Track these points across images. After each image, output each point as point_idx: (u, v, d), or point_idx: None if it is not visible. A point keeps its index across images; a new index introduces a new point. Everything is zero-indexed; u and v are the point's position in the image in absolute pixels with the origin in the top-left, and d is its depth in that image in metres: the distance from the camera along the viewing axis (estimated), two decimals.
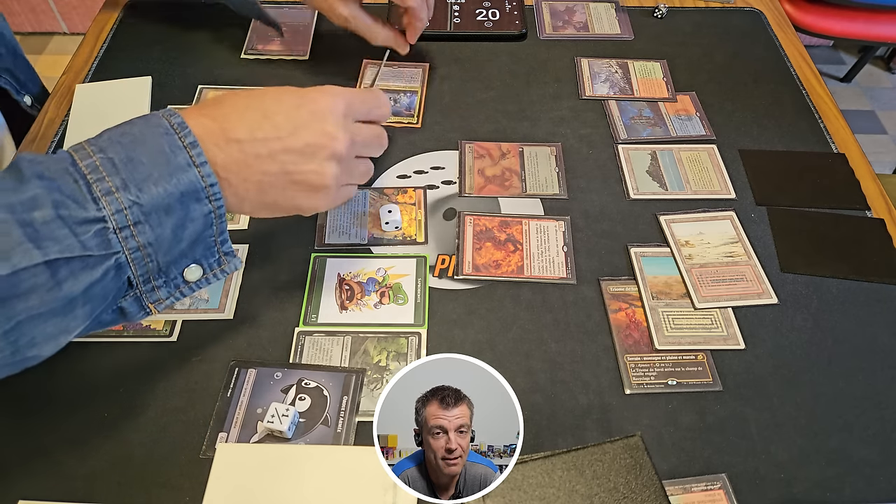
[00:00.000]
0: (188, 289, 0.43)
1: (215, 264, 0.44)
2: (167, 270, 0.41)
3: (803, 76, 0.74)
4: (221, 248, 0.43)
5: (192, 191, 0.39)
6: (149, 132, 0.39)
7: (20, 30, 2.11)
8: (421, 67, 0.74)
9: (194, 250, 0.42)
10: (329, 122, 0.43)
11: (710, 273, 0.55)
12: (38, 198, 0.35)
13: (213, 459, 0.44)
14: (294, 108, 0.43)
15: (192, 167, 0.39)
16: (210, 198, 0.40)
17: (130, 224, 0.37)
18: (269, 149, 0.42)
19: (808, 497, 0.44)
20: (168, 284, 0.42)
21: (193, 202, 0.39)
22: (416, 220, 0.60)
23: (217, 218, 0.41)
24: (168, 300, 0.42)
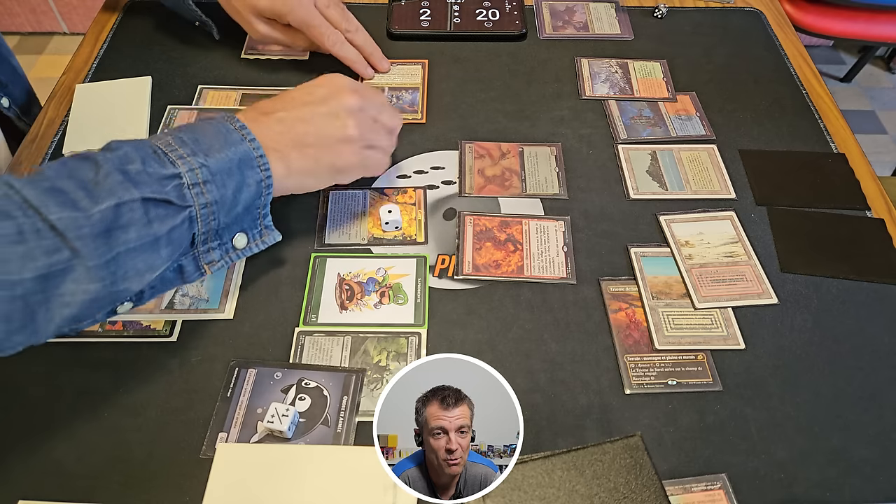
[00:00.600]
0: (236, 254, 0.50)
1: (257, 235, 0.51)
2: (221, 234, 0.48)
3: (803, 76, 0.74)
4: (263, 221, 0.50)
5: (246, 159, 0.47)
6: (206, 124, 0.48)
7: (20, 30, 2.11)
8: (420, 64, 0.74)
9: (244, 219, 0.49)
10: (343, 92, 0.54)
11: (710, 273, 0.56)
12: (129, 154, 0.43)
13: (213, 459, 0.44)
14: (314, 86, 0.54)
15: (244, 141, 0.47)
16: (261, 167, 0.48)
17: (200, 182, 0.44)
18: (298, 115, 0.52)
19: (808, 497, 0.44)
20: (221, 248, 0.49)
21: (248, 169, 0.47)
22: (416, 220, 0.60)
23: (266, 188, 0.48)
24: (220, 262, 0.49)
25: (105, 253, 0.40)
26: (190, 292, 0.54)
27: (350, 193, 0.61)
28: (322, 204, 0.60)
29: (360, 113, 0.53)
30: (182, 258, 0.47)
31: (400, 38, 0.77)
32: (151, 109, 0.68)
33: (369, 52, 0.71)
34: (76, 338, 0.51)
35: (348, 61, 0.70)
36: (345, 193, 0.61)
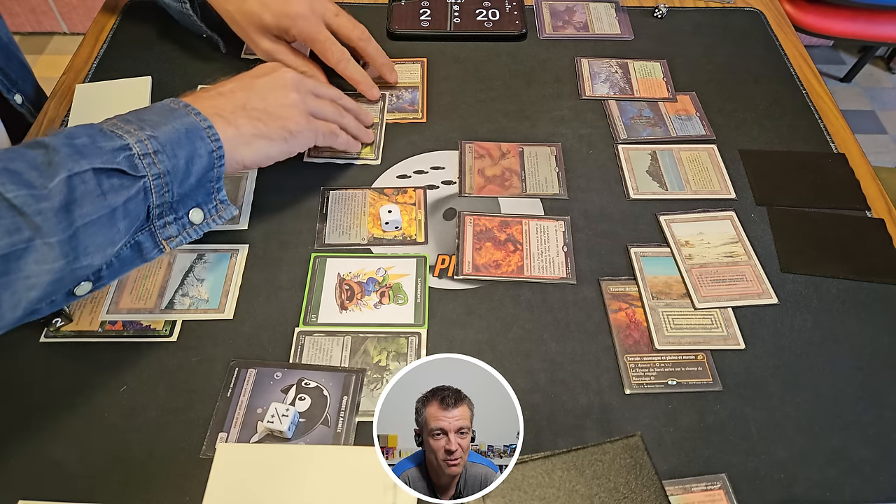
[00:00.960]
0: (193, 230, 0.49)
1: (213, 210, 0.50)
2: (177, 208, 0.48)
3: (803, 76, 0.74)
4: (217, 195, 0.50)
5: (194, 129, 0.47)
6: (148, 107, 0.49)
7: (20, 30, 2.11)
8: (419, 62, 0.74)
9: (198, 192, 0.49)
10: (278, 69, 0.56)
11: (710, 273, 0.56)
12: (76, 132, 0.43)
13: (213, 459, 0.44)
14: (253, 76, 0.56)
15: (189, 114, 0.48)
16: (210, 137, 0.48)
17: (151, 152, 0.44)
18: (239, 84, 0.53)
19: (808, 497, 0.44)
20: (177, 223, 0.48)
21: (197, 139, 0.47)
22: (416, 220, 0.60)
23: (218, 158, 0.48)
24: (178, 238, 0.49)
25: (66, 228, 0.40)
26: (190, 292, 0.54)
27: (350, 194, 0.61)
28: (322, 204, 0.60)
29: (299, 83, 0.56)
30: (139, 234, 0.47)
31: (400, 38, 0.77)
32: None
33: (381, 62, 0.69)
34: (76, 338, 0.51)
35: (353, 81, 0.68)
36: (345, 193, 0.61)
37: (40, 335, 0.51)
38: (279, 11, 0.63)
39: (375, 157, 0.65)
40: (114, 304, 0.53)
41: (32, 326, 0.51)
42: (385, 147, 0.65)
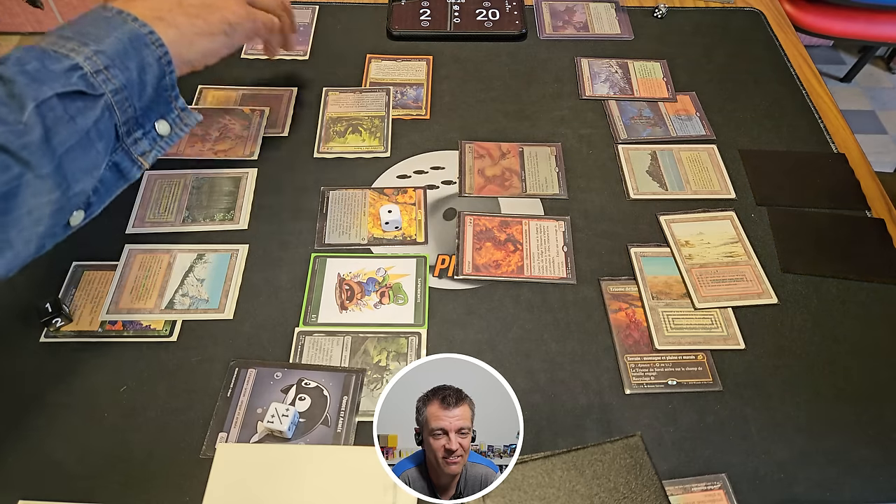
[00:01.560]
0: (164, 142, 0.49)
1: (177, 119, 0.50)
2: (142, 121, 0.47)
3: (803, 76, 0.74)
4: (176, 103, 0.49)
5: (136, 37, 0.45)
6: (82, 17, 0.47)
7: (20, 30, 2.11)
8: (425, 60, 0.74)
9: (158, 103, 0.48)
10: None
11: (710, 273, 0.55)
12: (22, 58, 0.41)
13: (213, 459, 0.44)
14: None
15: (128, 22, 0.46)
16: (153, 43, 0.46)
17: (102, 68, 0.43)
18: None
19: (808, 497, 0.44)
20: (147, 137, 0.48)
21: (142, 48, 0.45)
22: (416, 220, 0.60)
23: (166, 64, 0.47)
24: (152, 151, 0.48)
25: (51, 158, 0.40)
26: (190, 292, 0.54)
27: (350, 194, 0.61)
28: (322, 204, 0.60)
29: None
30: (114, 155, 0.46)
31: (400, 39, 0.77)
32: None
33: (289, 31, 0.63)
34: (76, 338, 0.51)
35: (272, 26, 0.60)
36: (345, 193, 0.61)
37: (40, 335, 0.51)
38: None
39: (385, 150, 0.65)
40: (114, 304, 0.53)
41: (32, 326, 0.51)
42: (391, 143, 0.66)
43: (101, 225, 0.58)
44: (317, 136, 0.66)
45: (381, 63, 0.74)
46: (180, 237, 0.57)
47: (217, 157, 0.64)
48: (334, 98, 0.70)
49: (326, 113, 0.68)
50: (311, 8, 0.80)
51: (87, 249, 0.56)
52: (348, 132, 0.66)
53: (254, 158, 0.64)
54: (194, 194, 0.61)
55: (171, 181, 0.62)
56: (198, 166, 0.63)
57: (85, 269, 0.55)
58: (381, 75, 0.72)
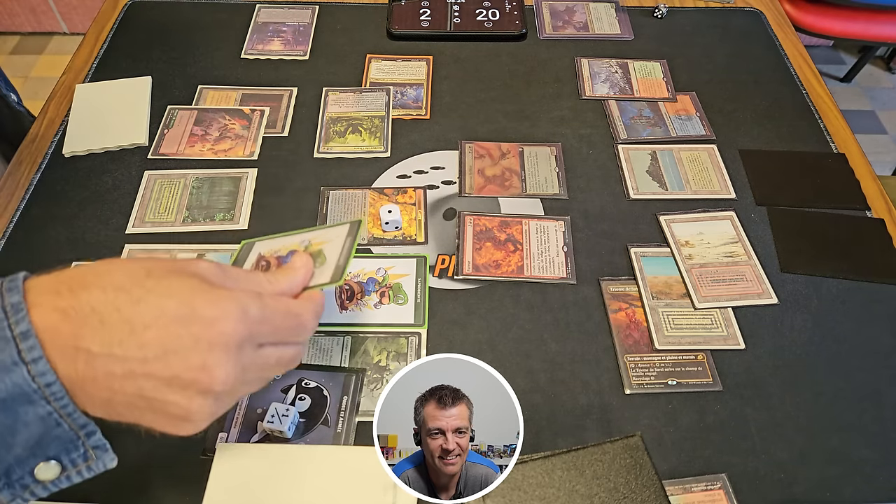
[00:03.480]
0: (42, 488, 0.34)
1: (80, 459, 0.35)
2: (6, 473, 0.33)
3: (803, 76, 0.74)
4: (87, 441, 0.34)
5: (19, 395, 0.31)
6: None
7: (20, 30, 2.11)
8: (425, 60, 0.74)
9: (44, 449, 0.33)
10: (213, 353, 0.33)
11: (710, 273, 0.55)
12: None
13: (213, 459, 0.44)
14: (176, 322, 0.33)
15: (21, 365, 0.31)
16: (48, 398, 0.32)
17: None
18: (125, 369, 0.32)
19: (808, 497, 0.44)
20: (11, 486, 0.34)
21: (24, 405, 0.31)
22: (416, 220, 0.60)
23: (66, 416, 0.33)
24: (13, 502, 0.34)
25: None
26: None
27: (350, 194, 0.61)
28: (322, 204, 0.60)
29: (222, 393, 0.34)
30: None
31: (400, 38, 0.77)
32: (151, 109, 0.68)
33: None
34: None
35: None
36: (345, 193, 0.61)
37: None
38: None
39: (385, 150, 0.65)
40: None
41: None
42: (391, 143, 0.65)
43: (102, 225, 0.58)
44: (317, 136, 0.66)
45: (381, 63, 0.74)
46: (180, 237, 0.57)
47: (217, 157, 0.64)
48: (334, 98, 0.70)
49: (326, 113, 0.68)
50: (311, 8, 0.80)
51: (87, 249, 0.56)
52: (348, 132, 0.66)
53: (254, 158, 0.64)
54: (194, 194, 0.61)
55: (171, 181, 0.62)
56: (198, 166, 0.63)
57: None
58: (381, 75, 0.72)
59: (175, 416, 0.34)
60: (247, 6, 0.80)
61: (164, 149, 0.64)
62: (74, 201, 0.60)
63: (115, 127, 0.66)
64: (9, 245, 0.57)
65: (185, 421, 0.35)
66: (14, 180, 0.62)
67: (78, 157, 0.64)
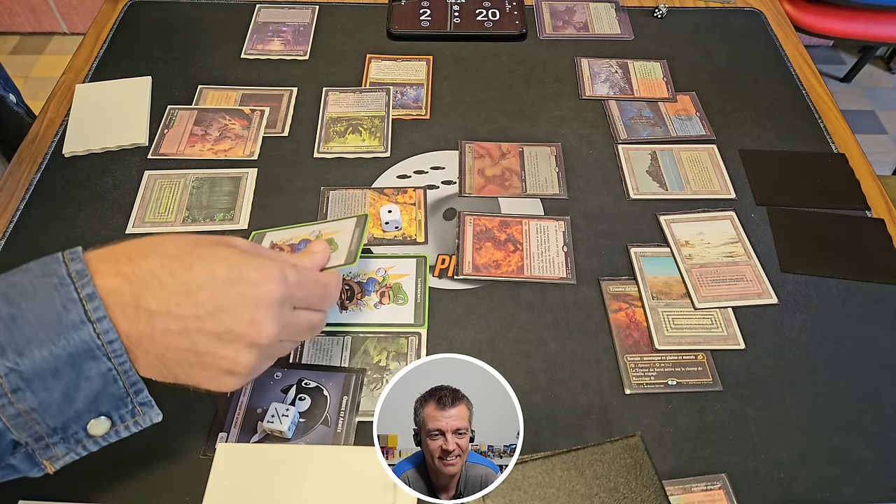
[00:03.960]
0: (93, 443, 0.38)
1: (127, 416, 0.38)
2: (64, 427, 0.36)
3: (803, 76, 0.74)
4: (136, 398, 0.38)
5: (84, 350, 0.34)
6: (40, 283, 0.35)
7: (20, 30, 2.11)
8: (425, 60, 0.74)
9: (98, 405, 0.37)
10: (260, 309, 0.38)
11: (710, 273, 0.55)
12: None
13: (213, 459, 0.44)
14: (225, 284, 0.37)
15: (87, 323, 0.34)
16: (109, 355, 0.35)
17: (7, 392, 0.33)
18: (181, 326, 0.36)
19: (808, 497, 0.44)
20: (66, 440, 0.37)
21: (88, 361, 0.35)
22: (416, 220, 0.60)
23: (122, 374, 0.36)
24: (67, 456, 0.37)
25: None
26: None
27: (350, 194, 0.61)
28: (322, 204, 0.60)
29: (266, 346, 0.39)
30: (9, 458, 0.36)
31: (400, 38, 0.77)
32: (151, 109, 0.68)
33: None
34: None
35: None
36: (345, 193, 0.61)
37: None
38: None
39: (385, 150, 0.65)
40: None
41: None
42: (391, 143, 0.66)
43: (102, 225, 0.58)
44: (317, 135, 0.66)
45: (381, 63, 0.74)
46: None
47: (217, 157, 0.64)
48: (334, 98, 0.70)
49: (326, 113, 0.68)
50: (311, 8, 0.80)
51: None
52: (348, 132, 0.66)
53: (254, 158, 0.64)
54: (194, 194, 0.61)
55: (171, 181, 0.62)
56: (198, 166, 0.63)
57: None
58: (381, 75, 0.72)
59: (223, 369, 0.38)
60: (247, 6, 0.80)
61: (164, 149, 0.64)
62: (74, 201, 0.60)
63: (115, 127, 0.66)
64: (9, 245, 0.57)
65: (231, 374, 0.39)
66: (14, 180, 0.62)
67: (78, 157, 0.64)
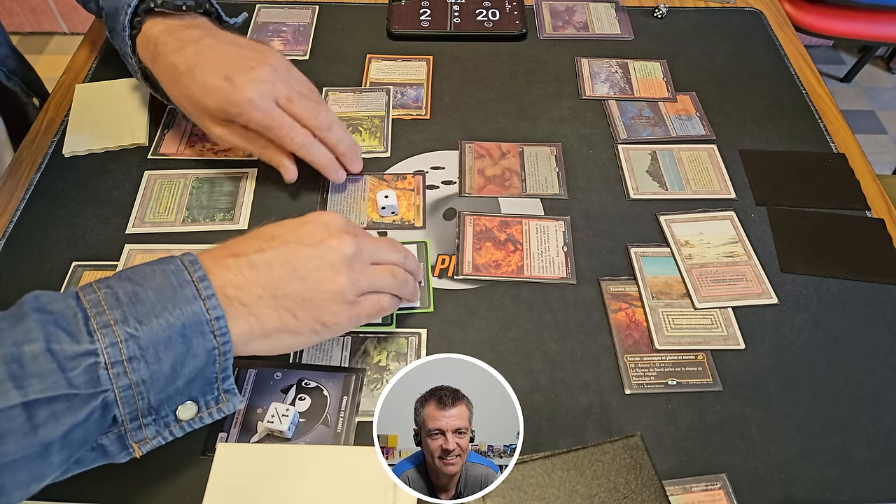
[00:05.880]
0: (178, 428, 0.40)
1: (212, 402, 0.41)
2: (158, 408, 0.39)
3: (803, 76, 0.74)
4: (222, 384, 0.41)
5: (195, 323, 0.38)
6: (160, 269, 0.39)
7: (20, 30, 2.11)
8: (425, 60, 0.74)
9: (191, 387, 0.39)
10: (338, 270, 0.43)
11: (710, 273, 0.55)
12: (31, 331, 0.34)
13: (213, 459, 0.44)
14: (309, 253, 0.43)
15: (198, 299, 0.38)
16: (215, 332, 0.39)
17: (125, 359, 0.36)
18: (282, 248, 0.42)
19: (808, 497, 0.44)
20: (157, 422, 0.39)
21: (197, 336, 0.38)
22: (415, 205, 0.60)
23: (221, 355, 0.39)
24: (155, 440, 0.40)
25: None
26: None
27: (349, 178, 0.62)
28: (322, 190, 0.61)
29: (356, 257, 0.44)
30: (102, 438, 0.38)
31: (400, 38, 0.77)
32: (151, 109, 0.68)
33: (342, 151, 0.59)
34: None
35: (318, 166, 0.58)
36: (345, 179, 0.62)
37: None
38: (222, 99, 0.53)
39: (385, 150, 0.65)
40: None
41: None
42: (390, 143, 0.66)
43: (102, 225, 0.58)
44: None
45: (382, 63, 0.74)
46: (180, 237, 0.57)
47: (217, 157, 0.64)
48: (334, 98, 0.70)
49: None
50: (311, 8, 0.80)
51: (87, 249, 0.56)
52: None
53: (254, 158, 0.64)
54: (194, 194, 0.61)
55: (171, 181, 0.62)
56: (198, 166, 0.63)
57: (84, 269, 0.55)
58: (381, 75, 0.72)
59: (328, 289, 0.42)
60: (247, 6, 0.80)
61: (164, 149, 0.64)
62: (74, 201, 0.60)
63: (115, 127, 0.66)
64: (9, 245, 0.57)
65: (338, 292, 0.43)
66: (14, 180, 0.62)
67: (78, 157, 0.64)
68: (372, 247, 0.46)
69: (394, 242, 0.49)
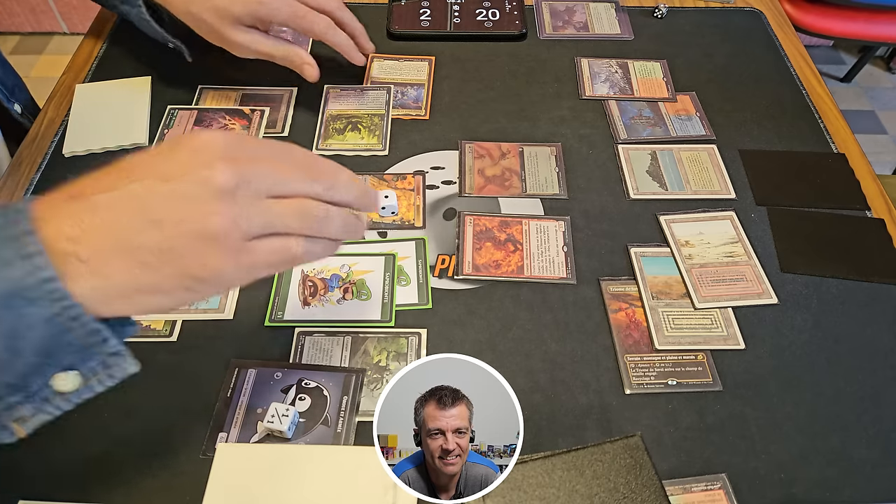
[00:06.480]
0: (65, 401, 0.34)
1: (99, 367, 0.34)
2: (23, 385, 0.33)
3: (803, 76, 0.74)
4: (102, 348, 0.33)
5: (17, 289, 0.30)
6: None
7: (20, 30, 2.11)
8: (427, 61, 0.74)
9: (57, 358, 0.33)
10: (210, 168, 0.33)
11: (710, 273, 0.55)
12: None
13: (213, 459, 0.44)
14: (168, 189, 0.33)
15: (20, 259, 0.30)
16: (48, 297, 0.30)
17: None
18: (133, 184, 0.32)
19: (808, 497, 0.44)
20: (31, 399, 0.33)
21: (24, 304, 0.30)
22: (415, 205, 0.60)
23: (70, 320, 0.31)
24: (36, 417, 0.34)
25: None
26: None
27: None
28: None
29: (238, 193, 0.33)
30: None
31: (400, 38, 0.77)
32: (151, 109, 0.68)
33: (352, 29, 0.66)
34: None
35: (340, 48, 0.65)
36: None
37: None
38: (253, 0, 0.59)
39: (383, 148, 0.65)
40: None
41: None
42: (389, 142, 0.66)
43: None
44: (316, 132, 0.66)
45: (383, 63, 0.74)
46: None
47: None
48: (335, 95, 0.70)
49: (327, 110, 0.68)
50: None
51: None
52: (347, 129, 0.67)
53: None
54: None
55: None
56: None
57: None
58: (382, 75, 0.72)
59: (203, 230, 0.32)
60: None
61: None
62: None
63: (115, 127, 0.66)
64: None
65: (215, 235, 0.32)
66: (14, 180, 0.62)
67: (78, 157, 0.64)
68: (269, 176, 0.34)
69: (315, 164, 0.37)
